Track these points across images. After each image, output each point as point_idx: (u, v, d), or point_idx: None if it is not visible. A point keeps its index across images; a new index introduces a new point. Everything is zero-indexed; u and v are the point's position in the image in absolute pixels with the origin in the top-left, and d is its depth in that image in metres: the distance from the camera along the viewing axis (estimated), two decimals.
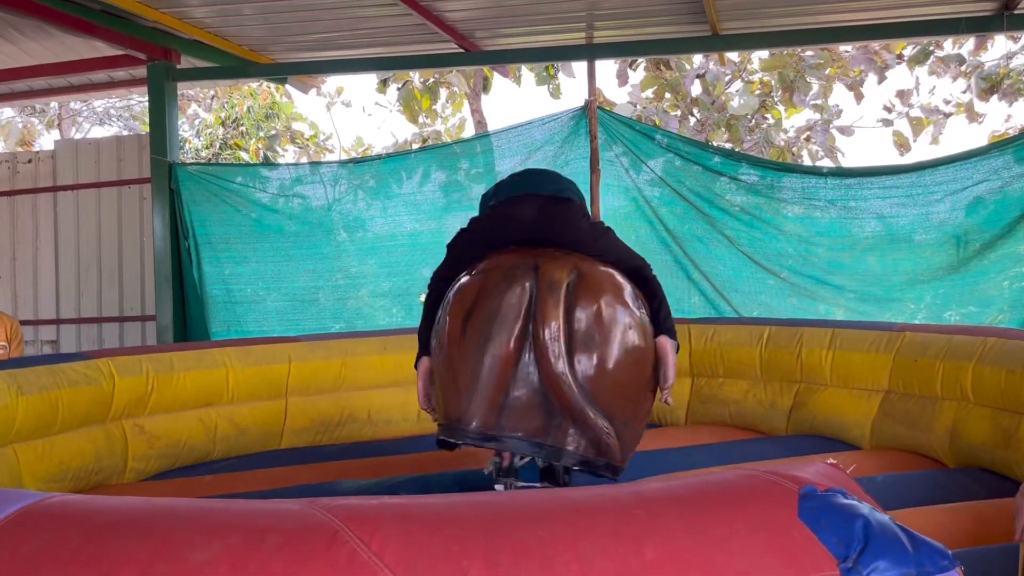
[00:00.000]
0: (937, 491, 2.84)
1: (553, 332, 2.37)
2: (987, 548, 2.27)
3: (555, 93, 10.27)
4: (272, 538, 0.99)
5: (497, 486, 2.61)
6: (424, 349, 2.79)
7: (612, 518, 0.99)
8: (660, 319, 2.68)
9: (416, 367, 2.84)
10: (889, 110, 11.40)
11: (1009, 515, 2.40)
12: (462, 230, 2.91)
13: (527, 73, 10.24)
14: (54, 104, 12.58)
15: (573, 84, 14.13)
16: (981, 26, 5.39)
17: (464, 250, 2.80)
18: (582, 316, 2.43)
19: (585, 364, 2.41)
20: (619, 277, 2.65)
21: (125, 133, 13.18)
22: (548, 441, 2.40)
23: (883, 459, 3.38)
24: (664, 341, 2.64)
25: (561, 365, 2.36)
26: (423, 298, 5.82)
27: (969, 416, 3.19)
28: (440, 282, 2.81)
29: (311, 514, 1.03)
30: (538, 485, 2.64)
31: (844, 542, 0.95)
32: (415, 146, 11.50)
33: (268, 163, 10.47)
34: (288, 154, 12.81)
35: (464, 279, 2.65)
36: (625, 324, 2.51)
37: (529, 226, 2.70)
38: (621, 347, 2.48)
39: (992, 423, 3.07)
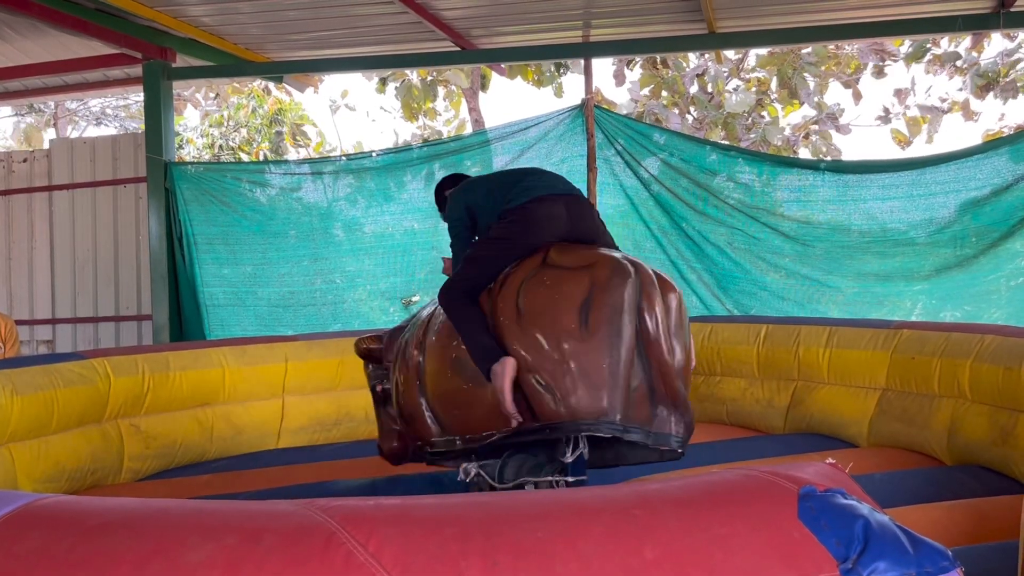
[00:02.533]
0: (935, 488, 2.84)
1: (660, 325, 2.50)
2: (985, 545, 2.27)
3: (558, 92, 10.29)
4: (268, 539, 0.99)
5: (527, 486, 2.55)
6: (496, 353, 2.58)
7: (611, 518, 0.98)
8: None
9: (491, 374, 2.57)
10: (887, 111, 11.43)
11: (1006, 512, 2.40)
12: (488, 238, 2.80)
13: (526, 72, 10.24)
14: (50, 103, 12.55)
15: (570, 82, 14.12)
16: (978, 24, 5.39)
17: (497, 256, 2.72)
18: (670, 309, 2.58)
19: (677, 354, 2.56)
20: None
21: (121, 132, 13.15)
22: (654, 428, 2.53)
23: (881, 457, 3.38)
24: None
25: (669, 356, 2.51)
26: (413, 300, 5.85)
27: (967, 413, 3.19)
28: (469, 289, 2.70)
29: (307, 515, 1.02)
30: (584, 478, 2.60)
31: (844, 542, 0.94)
32: (414, 144, 11.50)
33: (265, 162, 10.44)
34: (290, 156, 12.81)
35: (541, 275, 2.59)
36: (687, 315, 2.71)
37: (562, 225, 2.73)
38: (690, 336, 2.68)
39: (989, 420, 3.07)
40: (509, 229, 2.74)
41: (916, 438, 3.42)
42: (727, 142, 10.75)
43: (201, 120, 12.76)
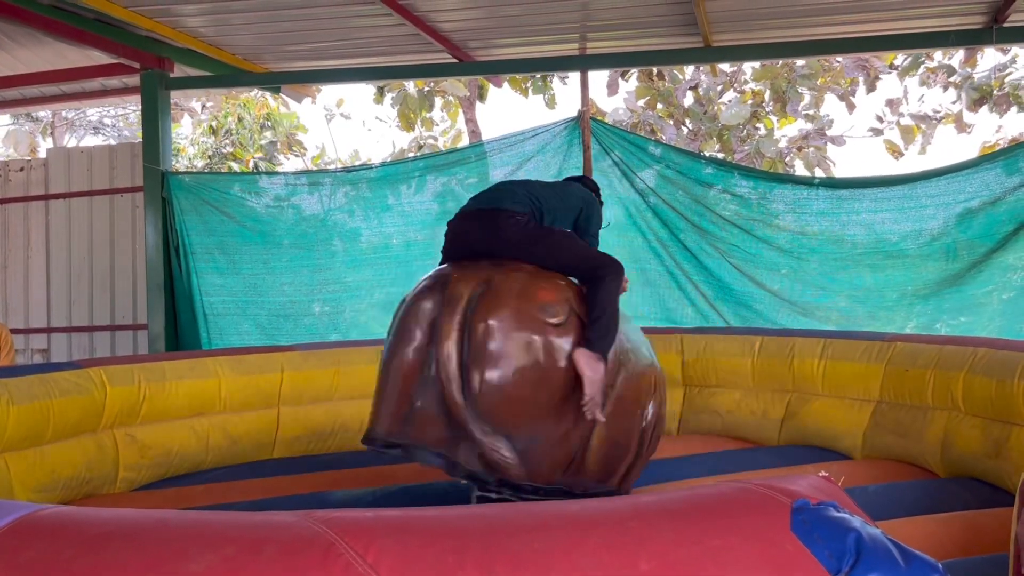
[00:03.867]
0: (928, 500, 2.85)
1: (445, 347, 2.43)
2: (978, 558, 2.28)
3: (550, 103, 10.33)
4: (268, 550, 1.00)
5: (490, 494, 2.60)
6: None
7: (607, 529, 0.99)
8: (591, 329, 2.57)
9: None
10: (880, 119, 11.49)
11: (1000, 524, 2.41)
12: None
13: (514, 82, 10.28)
14: (47, 112, 12.57)
15: (564, 93, 14.17)
16: (970, 39, 5.44)
17: (437, 270, 2.85)
18: (479, 329, 2.45)
19: (476, 379, 2.42)
20: (543, 287, 2.57)
21: (118, 142, 13.16)
22: (446, 452, 2.46)
23: (874, 469, 3.39)
24: (580, 355, 2.50)
25: (448, 380, 2.42)
26: None
27: (960, 426, 3.21)
28: None
29: (307, 526, 1.03)
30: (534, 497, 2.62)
31: (836, 555, 0.96)
32: (411, 155, 11.53)
33: (262, 172, 10.46)
34: (287, 164, 12.83)
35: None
36: (522, 339, 2.45)
37: (469, 241, 2.76)
38: (518, 362, 2.43)
39: (983, 433, 3.08)
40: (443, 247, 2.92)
41: (910, 450, 3.44)
42: (722, 154, 10.80)
43: (193, 128, 12.77)
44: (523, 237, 2.69)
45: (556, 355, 2.49)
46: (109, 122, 14.04)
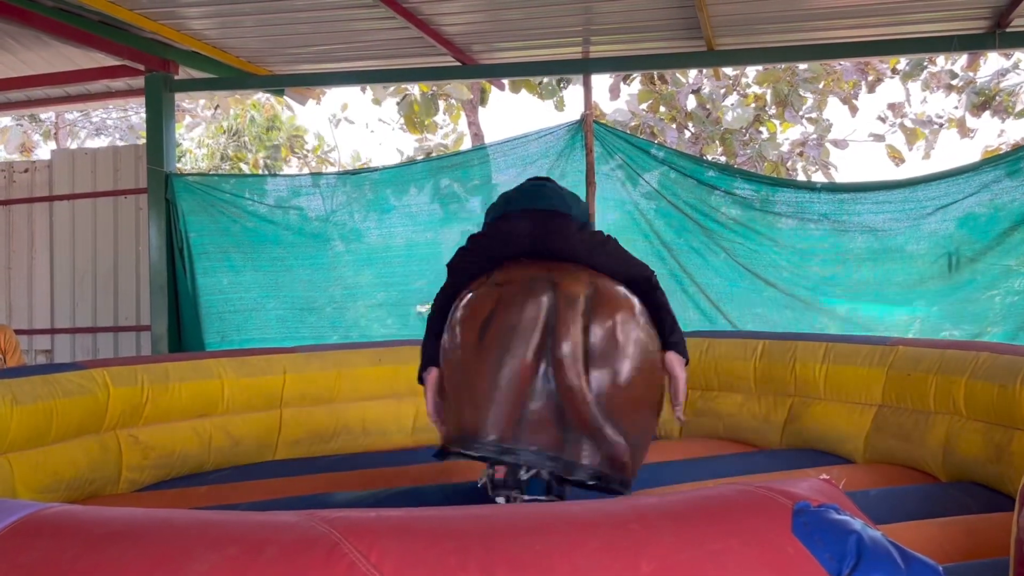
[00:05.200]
0: (930, 505, 2.85)
1: (571, 347, 2.36)
2: (979, 562, 2.28)
3: (559, 105, 10.35)
4: (271, 550, 1.00)
5: (498, 499, 2.60)
6: (430, 361, 2.75)
7: (608, 531, 1.00)
8: (667, 334, 2.66)
9: (421, 380, 2.80)
10: (883, 120, 11.50)
11: (1001, 528, 2.41)
12: (460, 248, 2.91)
13: (529, 85, 10.30)
14: (50, 114, 12.60)
15: (567, 96, 14.21)
16: (973, 44, 5.44)
17: (464, 267, 2.80)
18: (599, 331, 2.42)
19: (601, 379, 2.39)
20: (630, 293, 2.64)
21: (121, 144, 13.19)
22: (563, 455, 2.39)
23: (876, 473, 3.39)
24: (672, 357, 2.63)
25: (578, 380, 2.35)
26: (420, 309, 5.89)
27: (962, 430, 3.21)
28: (444, 299, 2.80)
29: (310, 526, 1.03)
30: (543, 499, 2.63)
31: (837, 558, 0.96)
32: (416, 158, 11.56)
33: (266, 174, 10.49)
34: (290, 166, 12.87)
35: (475, 292, 2.63)
36: (638, 340, 2.49)
37: (526, 241, 2.72)
38: (634, 363, 2.46)
39: (984, 437, 3.08)
40: (478, 241, 2.85)
41: (911, 454, 3.44)
42: (724, 158, 10.81)
43: (188, 130, 12.81)
44: (587, 242, 2.75)
45: (657, 357, 2.57)
46: (112, 124, 14.07)
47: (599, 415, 2.37)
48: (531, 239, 2.71)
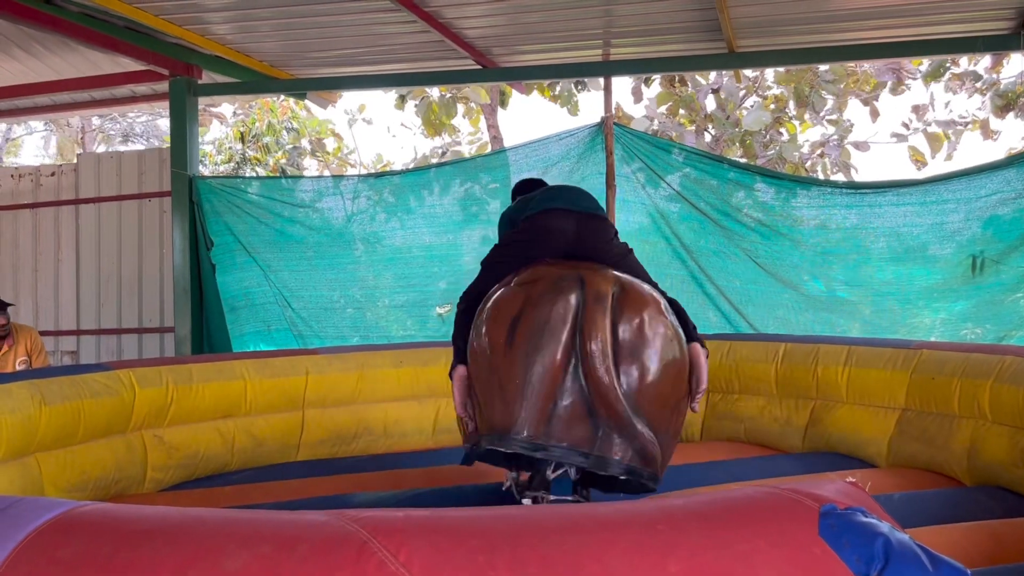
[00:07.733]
0: (954, 509, 2.83)
1: (601, 343, 2.38)
2: (1004, 567, 2.26)
3: (573, 110, 10.35)
4: (302, 548, 1.02)
5: (524, 500, 2.61)
6: (459, 358, 2.77)
7: (636, 532, 1.00)
8: (690, 328, 2.71)
9: (451, 376, 2.81)
10: (907, 126, 11.39)
11: None
12: (497, 245, 2.93)
13: (543, 89, 10.31)
14: (77, 120, 12.76)
15: (590, 99, 14.20)
16: (998, 45, 5.40)
17: (501, 263, 2.81)
18: (627, 328, 2.44)
19: (631, 375, 2.42)
20: (655, 291, 2.68)
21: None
22: (594, 451, 2.40)
23: (900, 477, 3.37)
24: (697, 348, 2.67)
25: (608, 375, 2.37)
26: (440, 311, 5.91)
27: (987, 434, 3.18)
28: (476, 294, 2.80)
29: (340, 525, 1.05)
30: (569, 499, 2.63)
31: (865, 560, 0.96)
32: (434, 160, 11.60)
33: (288, 176, 10.56)
34: (310, 168, 12.94)
35: (504, 289, 2.64)
36: (665, 337, 2.51)
37: (567, 240, 2.74)
38: (663, 359, 2.49)
39: (1010, 441, 3.05)
40: (515, 237, 2.85)
41: (936, 459, 3.41)
42: (744, 160, 10.75)
43: (205, 131, 12.91)
44: (619, 249, 2.83)
45: (684, 352, 2.58)
46: (140, 130, 14.22)
47: (629, 410, 2.38)
48: (575, 237, 2.74)
